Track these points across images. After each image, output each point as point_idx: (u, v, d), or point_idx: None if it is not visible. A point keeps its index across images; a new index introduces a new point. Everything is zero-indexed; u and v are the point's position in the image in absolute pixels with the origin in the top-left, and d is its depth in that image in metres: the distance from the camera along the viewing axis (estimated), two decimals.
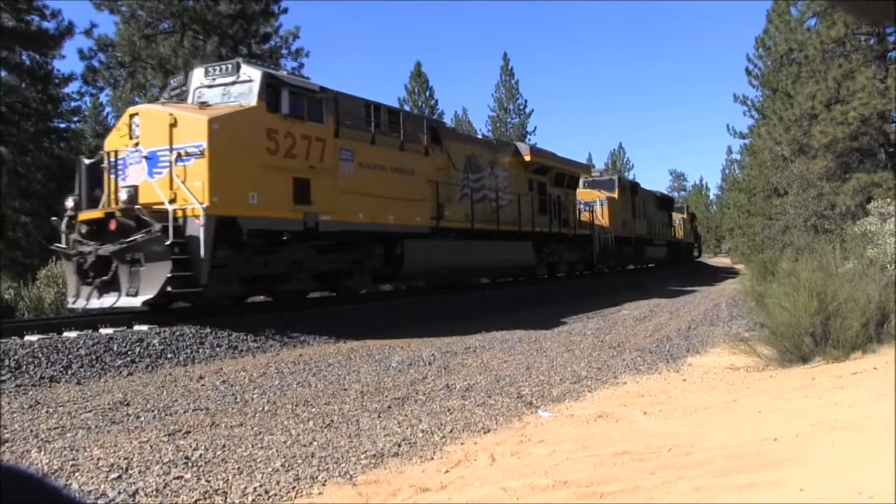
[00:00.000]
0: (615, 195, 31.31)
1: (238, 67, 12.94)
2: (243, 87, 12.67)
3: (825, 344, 8.88)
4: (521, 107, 56.38)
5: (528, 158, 22.67)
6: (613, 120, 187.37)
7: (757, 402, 6.99)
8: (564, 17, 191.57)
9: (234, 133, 11.83)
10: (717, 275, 42.95)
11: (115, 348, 9.61)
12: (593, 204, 29.68)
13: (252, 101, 12.39)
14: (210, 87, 13.11)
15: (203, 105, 12.28)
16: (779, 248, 27.35)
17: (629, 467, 4.94)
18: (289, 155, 12.77)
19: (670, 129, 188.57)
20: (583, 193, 29.66)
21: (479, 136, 27.67)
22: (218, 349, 10.51)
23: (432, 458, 5.45)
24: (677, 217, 48.97)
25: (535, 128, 65.21)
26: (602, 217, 29.75)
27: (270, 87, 12.64)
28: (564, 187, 25.86)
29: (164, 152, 11.58)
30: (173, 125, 11.58)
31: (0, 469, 0.90)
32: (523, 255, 22.05)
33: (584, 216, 28.41)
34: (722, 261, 70.74)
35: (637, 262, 37.89)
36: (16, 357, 8.64)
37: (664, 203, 43.78)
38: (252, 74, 12.71)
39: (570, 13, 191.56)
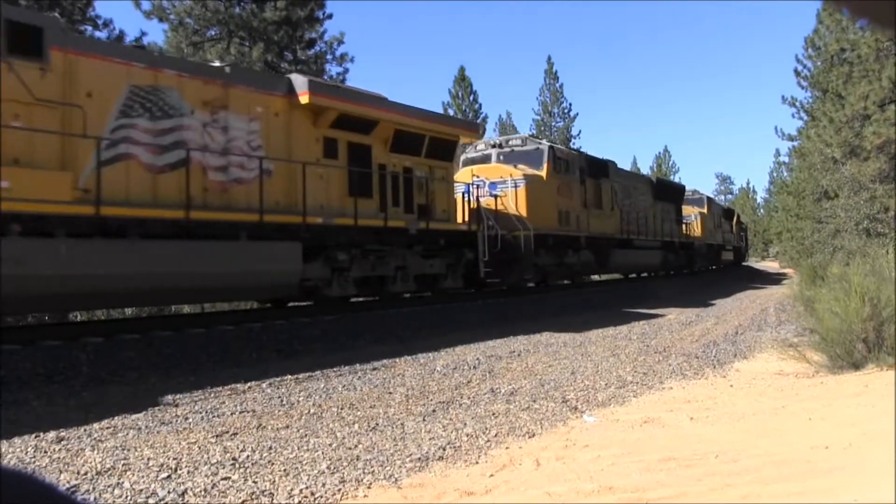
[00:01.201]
0: (542, 173, 20.96)
1: None
2: None
3: (878, 350, 8.69)
4: (566, 110, 56.10)
5: (305, 100, 13.14)
6: (659, 123, 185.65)
7: (807, 408, 6.87)
8: (609, 20, 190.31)
9: None
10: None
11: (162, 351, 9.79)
12: (501, 186, 19.78)
13: None
14: None
15: None
16: (829, 252, 26.83)
17: (675, 473, 4.89)
18: None
19: (716, 132, 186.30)
20: (486, 170, 20.26)
21: (192, 60, 15.68)
22: (263, 352, 10.64)
23: (477, 462, 5.46)
24: (693, 211, 39.18)
25: (580, 131, 64.50)
26: (515, 206, 19.57)
27: None
28: (423, 156, 16.34)
29: None
30: None
31: (0, 472, 0.92)
32: (268, 265, 11.99)
33: (488, 203, 18.77)
34: (770, 265, 69.61)
35: (596, 272, 27.11)
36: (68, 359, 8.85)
37: (666, 192, 33.31)
38: None
39: (614, 15, 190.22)
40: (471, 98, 48.79)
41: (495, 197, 19.20)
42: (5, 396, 7.45)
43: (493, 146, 21.94)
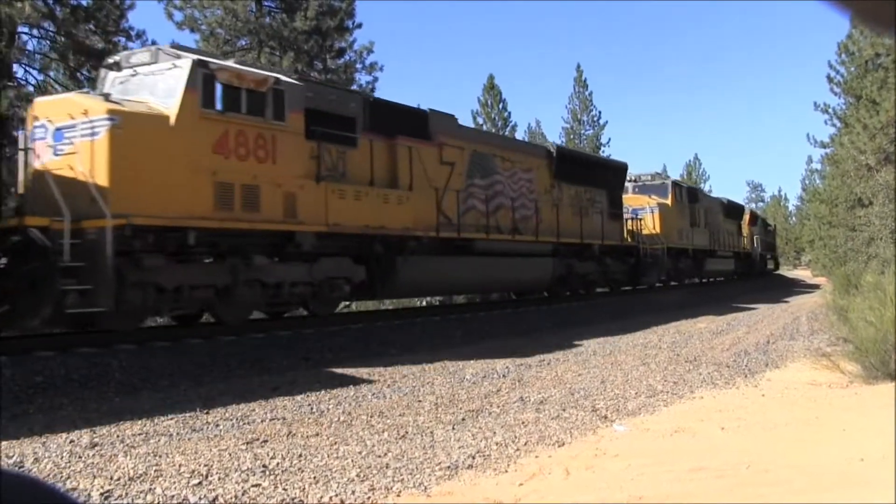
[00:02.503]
0: (168, 111, 10.26)
1: None
2: None
3: None
4: (595, 118, 55.83)
5: None
6: (689, 131, 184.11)
7: (841, 419, 6.79)
8: (638, 28, 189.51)
9: None
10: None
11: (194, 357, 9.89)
12: (69, 134, 9.91)
13: None
14: None
15: None
16: (863, 260, 26.47)
17: (706, 484, 4.85)
18: None
19: (747, 140, 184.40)
20: (51, 107, 10.53)
21: None
22: (292, 360, 10.70)
23: (506, 471, 5.45)
24: (649, 202, 27.51)
25: (610, 139, 63.89)
26: (91, 173, 9.47)
27: None
28: None
29: None
30: None
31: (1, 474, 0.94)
32: None
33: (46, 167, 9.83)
34: (802, 273, 68.71)
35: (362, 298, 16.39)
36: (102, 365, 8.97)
37: (582, 170, 21.59)
38: None
39: (644, 24, 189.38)
40: (500, 106, 48.68)
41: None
42: (41, 402, 7.57)
43: (110, 67, 11.68)
